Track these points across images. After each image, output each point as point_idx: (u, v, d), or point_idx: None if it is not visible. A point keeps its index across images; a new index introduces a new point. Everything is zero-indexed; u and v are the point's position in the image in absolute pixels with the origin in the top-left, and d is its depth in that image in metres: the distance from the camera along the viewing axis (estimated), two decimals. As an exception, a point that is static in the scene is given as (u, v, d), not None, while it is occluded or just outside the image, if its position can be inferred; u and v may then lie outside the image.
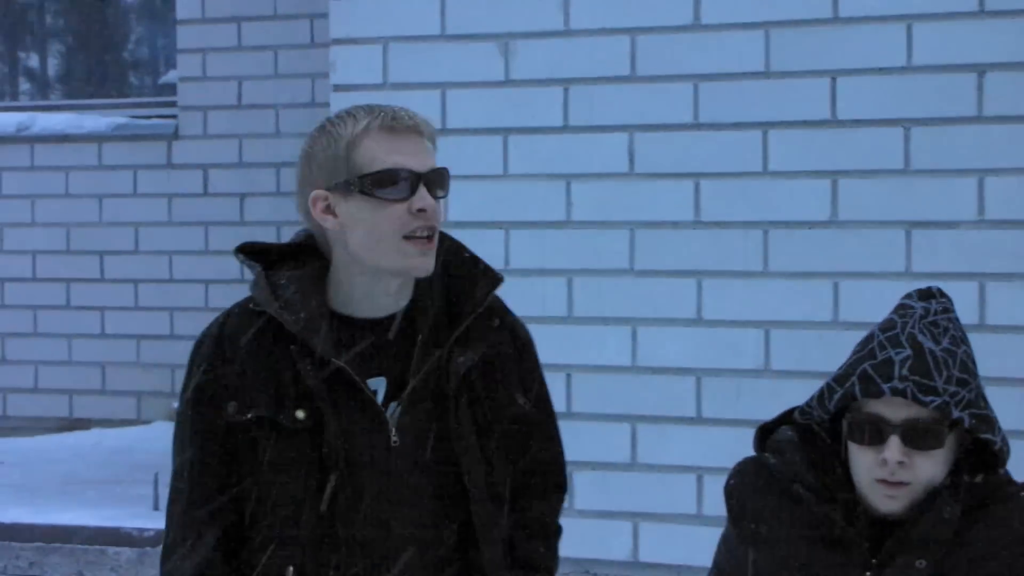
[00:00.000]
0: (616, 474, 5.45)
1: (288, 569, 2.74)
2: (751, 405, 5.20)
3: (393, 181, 2.72)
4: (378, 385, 2.79)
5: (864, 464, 2.75)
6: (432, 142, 2.80)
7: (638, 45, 5.43)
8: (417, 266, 2.77)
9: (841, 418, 2.81)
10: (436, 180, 2.77)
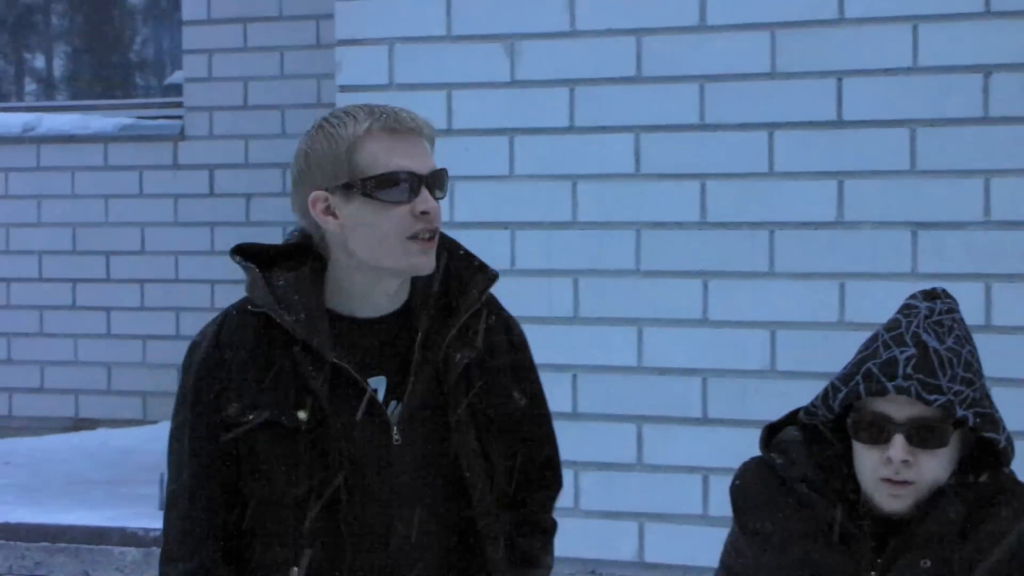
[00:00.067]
0: (622, 474, 5.45)
1: (292, 570, 2.74)
2: (757, 406, 5.20)
3: (396, 184, 2.72)
4: (378, 384, 2.79)
5: (869, 463, 2.75)
6: (431, 143, 2.80)
7: (644, 46, 5.43)
8: (420, 265, 2.77)
9: (846, 418, 2.81)
10: (437, 181, 2.77)
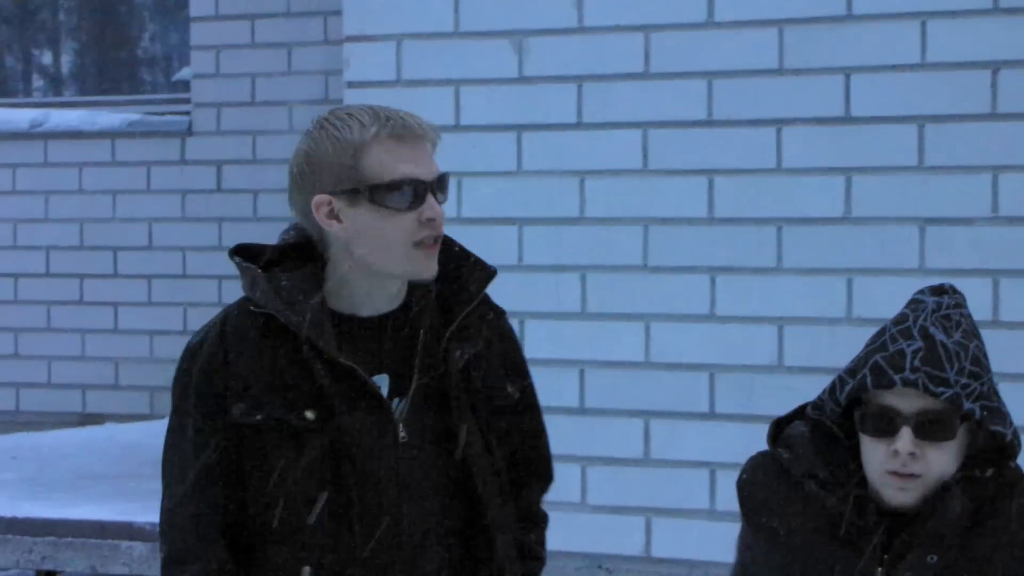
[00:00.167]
0: (629, 469, 5.46)
1: (304, 569, 2.74)
2: (764, 401, 5.20)
3: (403, 191, 2.73)
4: (381, 382, 2.80)
5: (876, 456, 2.75)
6: (435, 146, 2.81)
7: (652, 42, 5.44)
8: (425, 270, 2.79)
9: (853, 412, 2.82)
10: (441, 186, 2.78)
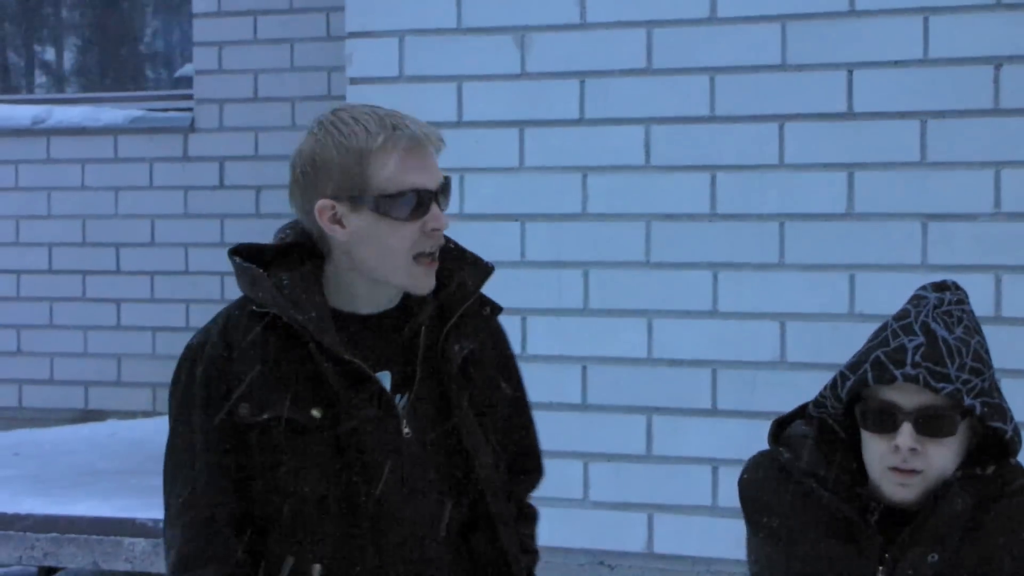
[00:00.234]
0: (631, 465, 5.45)
1: (315, 567, 2.74)
2: (766, 397, 5.20)
3: (408, 201, 2.74)
4: (383, 379, 2.80)
5: (876, 452, 2.75)
6: (439, 151, 2.81)
7: (654, 38, 5.43)
8: (421, 286, 2.80)
9: (854, 409, 2.81)
10: (445, 193, 2.79)
